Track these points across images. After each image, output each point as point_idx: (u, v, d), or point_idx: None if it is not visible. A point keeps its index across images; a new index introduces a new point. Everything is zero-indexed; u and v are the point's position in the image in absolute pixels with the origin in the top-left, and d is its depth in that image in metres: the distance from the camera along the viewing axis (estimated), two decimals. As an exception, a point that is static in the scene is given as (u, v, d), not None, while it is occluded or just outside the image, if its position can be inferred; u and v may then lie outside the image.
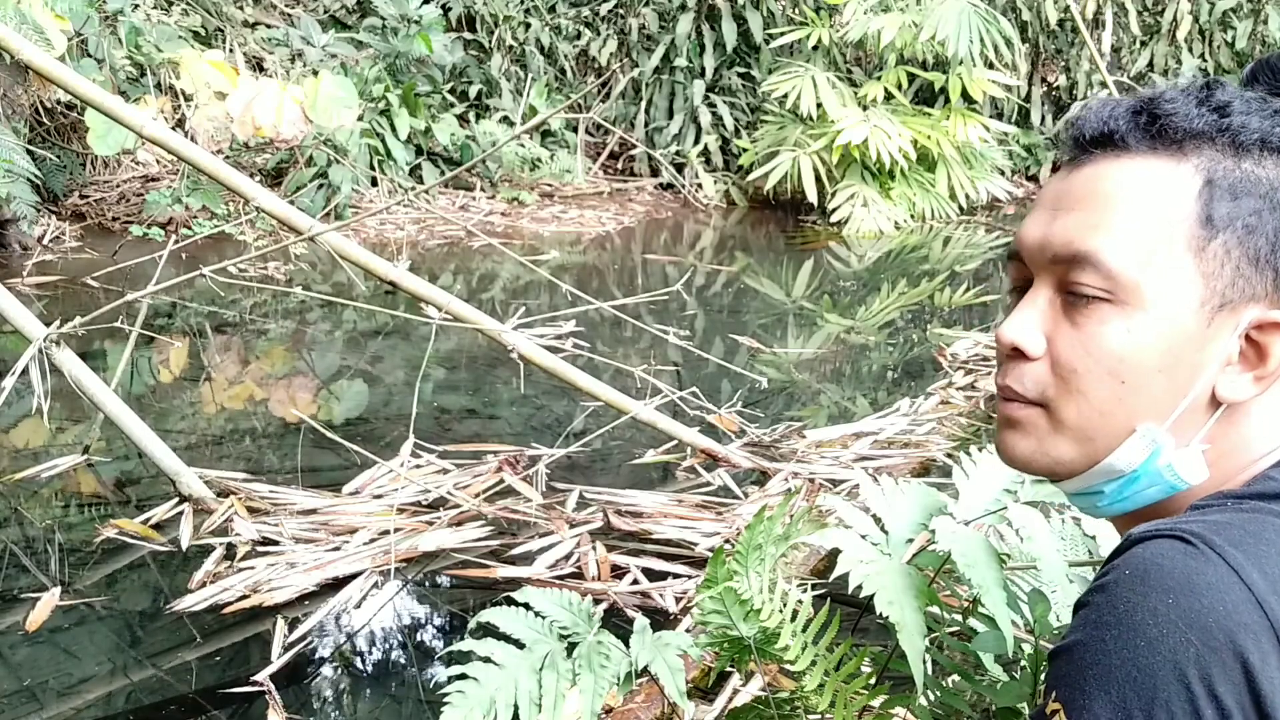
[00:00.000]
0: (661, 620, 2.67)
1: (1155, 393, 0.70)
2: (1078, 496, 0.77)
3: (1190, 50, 10.27)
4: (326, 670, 2.54)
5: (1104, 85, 9.07)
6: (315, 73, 7.65)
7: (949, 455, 3.71)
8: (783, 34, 9.16)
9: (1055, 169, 0.79)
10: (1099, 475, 0.73)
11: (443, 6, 9.65)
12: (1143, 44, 10.44)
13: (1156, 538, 0.64)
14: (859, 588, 1.11)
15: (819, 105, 8.62)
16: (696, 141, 9.75)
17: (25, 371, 3.08)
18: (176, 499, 3.20)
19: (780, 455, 3.75)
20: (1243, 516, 0.65)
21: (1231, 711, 0.58)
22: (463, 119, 9.35)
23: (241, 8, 8.84)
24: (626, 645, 1.29)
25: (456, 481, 3.41)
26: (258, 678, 2.41)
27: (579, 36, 10.24)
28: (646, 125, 9.96)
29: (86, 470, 3.48)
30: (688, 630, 2.46)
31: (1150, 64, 10.37)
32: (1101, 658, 0.61)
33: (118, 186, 7.35)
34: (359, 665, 2.59)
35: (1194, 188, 0.69)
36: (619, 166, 10.31)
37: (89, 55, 6.71)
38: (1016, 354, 0.74)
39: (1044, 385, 0.72)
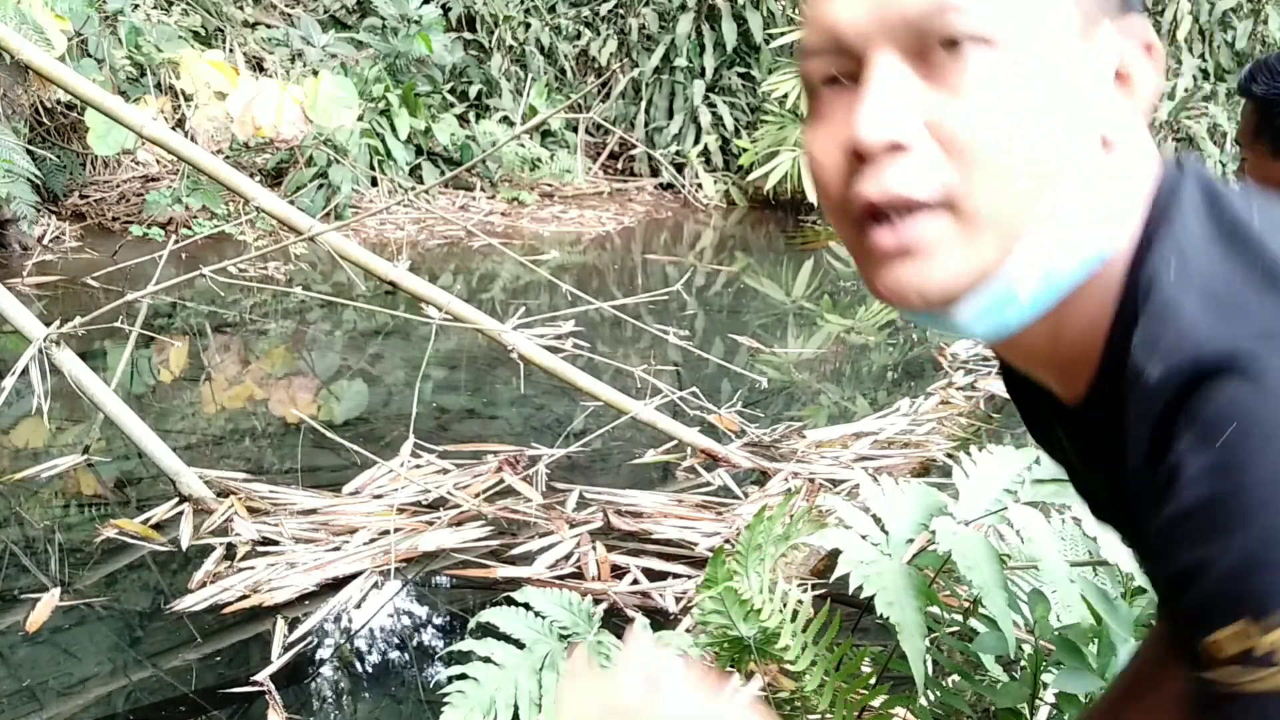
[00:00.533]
0: (661, 620, 2.67)
1: (1059, 147, 0.58)
2: (981, 318, 0.61)
3: (1190, 50, 10.27)
4: (326, 670, 2.54)
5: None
6: (315, 73, 7.65)
7: (949, 455, 3.70)
8: (783, 34, 9.17)
9: None
10: (1015, 274, 0.59)
11: (443, 6, 9.65)
12: (1143, 44, 10.43)
13: (1205, 384, 0.50)
14: (859, 588, 1.11)
15: (819, 105, 8.62)
16: (696, 141, 9.75)
17: (25, 371, 3.08)
18: (176, 499, 3.20)
19: (780, 455, 3.75)
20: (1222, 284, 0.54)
21: None
22: (463, 119, 9.34)
23: (241, 8, 8.84)
24: (626, 645, 1.29)
25: (456, 481, 3.41)
26: (258, 678, 2.41)
27: (579, 36, 10.24)
28: (646, 125, 9.96)
29: (86, 470, 3.48)
30: (688, 630, 2.46)
31: (1150, 64, 10.36)
32: None
33: (118, 186, 7.34)
34: (359, 665, 2.59)
35: None
36: (619, 166, 10.31)
37: (89, 55, 6.70)
38: (892, 152, 0.58)
39: (943, 177, 0.57)
